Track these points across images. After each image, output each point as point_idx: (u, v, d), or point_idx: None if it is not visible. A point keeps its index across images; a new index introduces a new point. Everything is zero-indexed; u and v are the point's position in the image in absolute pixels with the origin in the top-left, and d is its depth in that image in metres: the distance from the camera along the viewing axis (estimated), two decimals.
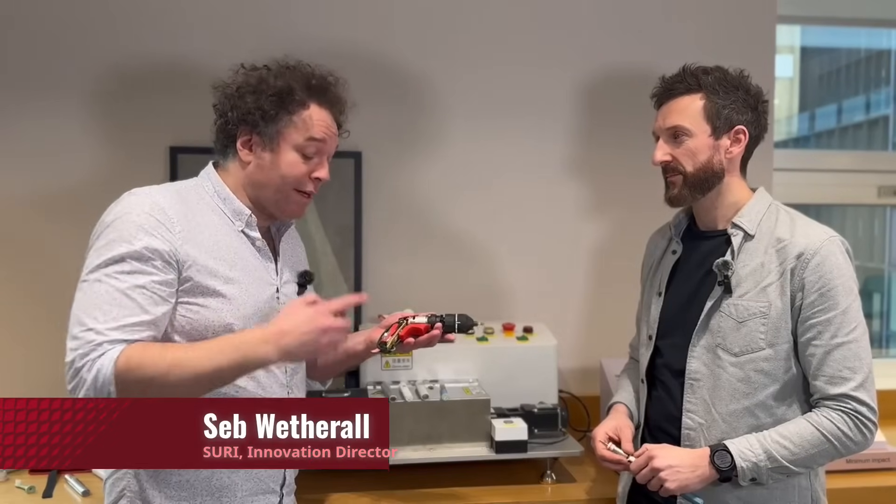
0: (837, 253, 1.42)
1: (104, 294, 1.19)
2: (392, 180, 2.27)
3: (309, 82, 1.36)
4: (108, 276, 1.20)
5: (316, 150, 1.36)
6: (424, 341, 1.42)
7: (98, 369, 1.15)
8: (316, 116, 1.36)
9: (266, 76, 1.35)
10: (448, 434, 1.80)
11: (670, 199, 1.53)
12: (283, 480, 1.42)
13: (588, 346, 2.34)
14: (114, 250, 1.21)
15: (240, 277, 1.31)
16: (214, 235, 1.31)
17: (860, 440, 1.40)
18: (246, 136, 1.35)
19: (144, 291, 1.21)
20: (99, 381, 1.15)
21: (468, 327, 1.45)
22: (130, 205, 1.26)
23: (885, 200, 2.69)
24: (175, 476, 1.29)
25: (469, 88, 2.29)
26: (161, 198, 1.28)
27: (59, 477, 1.82)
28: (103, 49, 2.13)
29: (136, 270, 1.21)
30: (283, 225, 1.46)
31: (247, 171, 1.36)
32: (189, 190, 1.35)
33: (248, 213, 1.36)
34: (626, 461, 1.48)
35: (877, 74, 3.27)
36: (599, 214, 2.38)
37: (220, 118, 1.36)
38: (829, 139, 3.42)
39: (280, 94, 1.33)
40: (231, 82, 1.37)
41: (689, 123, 1.48)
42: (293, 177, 1.35)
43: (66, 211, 2.11)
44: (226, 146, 1.38)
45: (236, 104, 1.33)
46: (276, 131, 1.34)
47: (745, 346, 1.44)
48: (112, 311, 1.18)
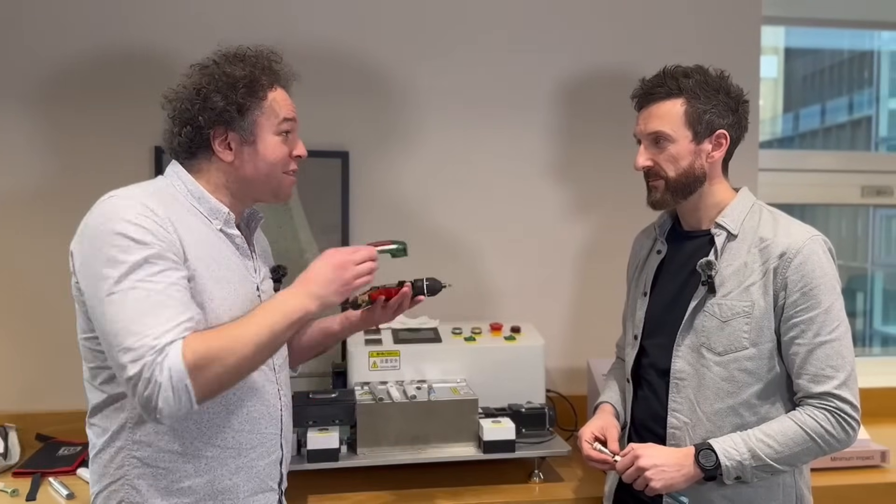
0: (820, 252, 1.43)
1: (145, 300, 1.16)
2: (379, 180, 2.27)
3: (265, 66, 1.35)
4: (140, 281, 1.16)
5: (290, 128, 1.38)
6: (396, 301, 1.48)
7: (169, 367, 1.13)
8: (280, 97, 1.37)
9: (226, 70, 1.32)
10: (436, 434, 1.80)
11: (653, 203, 1.54)
12: (280, 478, 1.42)
13: (575, 346, 2.35)
14: (133, 255, 1.17)
15: (227, 276, 1.31)
16: (198, 235, 1.29)
17: (843, 438, 1.40)
18: (221, 135, 1.32)
19: (179, 288, 1.19)
20: (174, 378, 1.13)
21: (437, 289, 1.50)
22: (119, 207, 1.21)
23: (868, 200, 2.71)
24: (177, 483, 1.27)
25: (456, 88, 2.30)
26: (146, 199, 1.25)
27: (43, 480, 1.80)
28: (85, 47, 2.12)
29: (164, 269, 1.19)
30: (253, 220, 1.45)
31: (231, 169, 1.34)
32: (162, 191, 1.32)
33: (225, 210, 1.34)
34: (612, 460, 1.49)
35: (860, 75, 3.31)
36: (586, 214, 2.39)
37: (185, 126, 1.32)
38: (812, 140, 3.45)
39: (248, 85, 1.31)
40: (185, 86, 1.33)
41: (670, 129, 1.48)
42: (280, 161, 1.36)
43: (43, 213, 2.09)
44: (196, 150, 1.34)
45: (204, 106, 1.30)
46: (252, 122, 1.33)
47: (728, 345, 1.45)
48: (161, 314, 1.15)
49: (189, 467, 1.27)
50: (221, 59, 1.35)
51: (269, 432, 1.37)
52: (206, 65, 1.35)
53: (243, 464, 1.32)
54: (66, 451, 1.97)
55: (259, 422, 1.34)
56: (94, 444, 1.30)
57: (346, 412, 1.79)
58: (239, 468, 1.31)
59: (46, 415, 2.09)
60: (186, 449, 1.27)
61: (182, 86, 1.34)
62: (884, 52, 3.19)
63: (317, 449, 1.73)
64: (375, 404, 1.79)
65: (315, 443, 1.73)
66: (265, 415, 1.35)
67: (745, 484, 1.43)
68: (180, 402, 1.14)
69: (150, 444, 1.25)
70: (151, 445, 1.25)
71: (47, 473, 1.84)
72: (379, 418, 1.78)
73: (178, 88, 1.34)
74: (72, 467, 1.87)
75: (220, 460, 1.29)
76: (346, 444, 1.78)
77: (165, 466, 1.26)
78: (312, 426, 1.76)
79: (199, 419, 1.27)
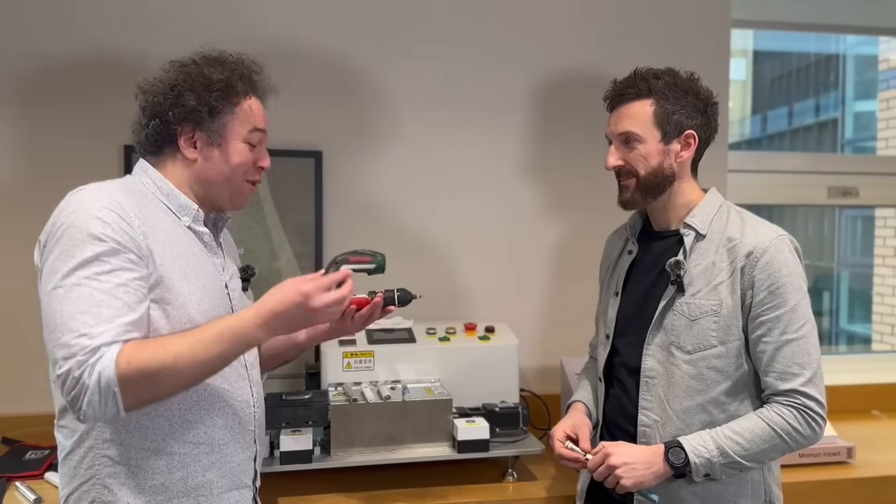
0: (786, 251, 1.45)
1: (88, 298, 1.14)
2: (352, 179, 2.27)
3: (244, 74, 1.36)
4: (87, 278, 1.15)
5: (259, 139, 1.38)
6: (367, 312, 1.44)
7: (100, 372, 1.11)
8: (255, 107, 1.37)
9: (204, 72, 1.32)
10: (410, 434, 1.80)
11: (623, 202, 1.56)
12: (255, 474, 1.41)
13: (548, 345, 2.37)
14: (86, 250, 1.16)
15: (195, 273, 1.29)
16: (166, 232, 1.28)
17: (809, 434, 1.43)
18: (189, 133, 1.32)
19: (128, 289, 1.17)
20: (102, 383, 1.11)
21: (408, 300, 1.48)
22: (85, 201, 1.21)
23: (834, 201, 2.77)
24: (149, 480, 1.25)
25: (430, 88, 2.30)
26: (115, 193, 1.24)
27: (10, 484, 1.77)
28: (52, 46, 2.08)
29: (115, 269, 1.17)
30: (220, 219, 1.44)
31: (193, 168, 1.34)
32: (131, 187, 1.31)
33: (195, 207, 1.34)
34: (584, 459, 1.50)
35: (826, 78, 3.38)
36: (559, 214, 2.40)
37: (153, 118, 1.32)
38: (780, 141, 3.52)
39: (224, 89, 1.31)
40: (161, 80, 1.33)
41: (639, 129, 1.50)
42: (243, 168, 1.36)
43: (6, 214, 2.06)
44: (162, 145, 1.34)
45: (176, 103, 1.30)
46: (222, 125, 1.33)
47: (697, 343, 1.47)
48: (101, 314, 1.13)
49: (161, 464, 1.26)
50: (202, 59, 1.35)
51: (243, 428, 1.36)
52: (185, 63, 1.34)
53: (217, 460, 1.31)
54: (34, 454, 1.94)
55: (231, 418, 1.33)
56: (64, 447, 1.28)
57: (319, 413, 1.78)
58: (212, 464, 1.30)
59: (12, 418, 2.05)
60: (158, 445, 1.25)
61: (158, 80, 1.34)
62: (849, 56, 3.26)
63: (290, 451, 1.72)
64: (349, 405, 1.78)
65: (288, 444, 1.72)
66: (238, 411, 1.34)
67: (715, 481, 1.45)
68: (106, 408, 1.12)
69: (121, 441, 1.24)
70: (122, 443, 1.24)
71: (14, 478, 1.80)
72: (353, 419, 1.78)
73: (154, 81, 1.34)
74: (39, 471, 1.83)
75: (192, 456, 1.28)
76: (319, 446, 1.78)
77: (137, 464, 1.24)
78: (285, 428, 1.75)
79: (171, 415, 1.26)
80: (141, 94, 1.34)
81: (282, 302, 1.22)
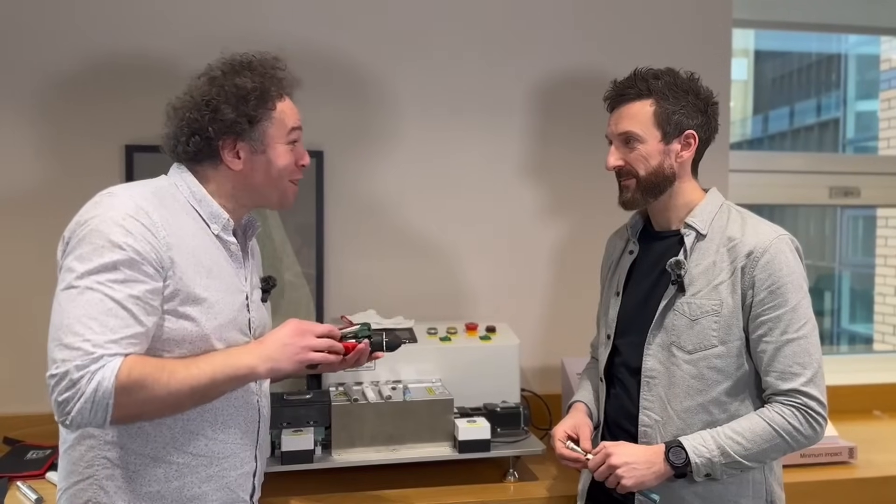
0: (787, 251, 1.45)
1: (98, 303, 1.14)
2: (354, 179, 2.27)
3: (274, 76, 1.36)
4: (100, 283, 1.15)
5: (297, 137, 1.39)
6: (353, 357, 1.40)
7: (99, 381, 1.10)
8: (287, 107, 1.38)
9: (236, 82, 1.31)
10: (411, 434, 1.80)
11: (624, 202, 1.56)
12: (253, 490, 1.41)
13: (550, 345, 2.37)
14: (104, 256, 1.16)
15: (216, 285, 1.29)
16: (192, 241, 1.28)
17: (810, 434, 1.43)
18: (231, 145, 1.33)
19: (139, 302, 1.17)
20: (99, 392, 1.10)
21: (396, 345, 1.45)
22: (113, 207, 1.20)
23: (835, 201, 2.76)
24: (146, 487, 1.26)
25: (431, 89, 2.30)
26: (143, 200, 1.23)
27: (11, 484, 1.77)
28: (52, 49, 2.09)
29: (130, 279, 1.16)
30: (250, 226, 1.45)
31: (239, 177, 1.35)
32: (163, 191, 1.31)
33: (226, 216, 1.34)
34: (585, 459, 1.50)
35: (827, 78, 3.38)
36: (560, 215, 2.40)
37: (192, 135, 1.31)
38: (782, 141, 3.52)
39: (259, 97, 1.32)
40: (192, 96, 1.32)
41: (639, 129, 1.50)
42: (288, 170, 1.38)
43: (10, 215, 2.06)
44: (203, 159, 1.34)
45: (213, 118, 1.30)
46: (263, 132, 1.33)
47: (698, 343, 1.47)
48: (109, 322, 1.13)
49: (159, 472, 1.26)
50: (228, 68, 1.34)
51: (244, 443, 1.36)
52: (213, 75, 1.34)
53: (214, 473, 1.31)
54: (35, 454, 1.94)
55: (234, 432, 1.33)
56: (66, 440, 1.28)
57: (320, 413, 1.78)
58: (210, 477, 1.30)
59: (14, 418, 2.05)
60: (158, 453, 1.26)
61: (189, 95, 1.33)
62: (851, 56, 3.26)
63: (291, 450, 1.72)
64: (350, 405, 1.78)
65: (289, 444, 1.72)
66: (241, 425, 1.35)
67: (716, 481, 1.45)
68: (94, 417, 1.12)
69: (122, 445, 1.24)
70: (123, 447, 1.24)
71: (15, 478, 1.80)
72: (354, 419, 1.78)
73: (185, 98, 1.33)
74: (40, 471, 1.83)
75: (191, 467, 1.28)
76: (320, 446, 1.78)
77: (135, 469, 1.25)
78: (287, 427, 1.75)
79: (174, 425, 1.26)
80: (173, 111, 1.34)
81: (272, 332, 1.32)
